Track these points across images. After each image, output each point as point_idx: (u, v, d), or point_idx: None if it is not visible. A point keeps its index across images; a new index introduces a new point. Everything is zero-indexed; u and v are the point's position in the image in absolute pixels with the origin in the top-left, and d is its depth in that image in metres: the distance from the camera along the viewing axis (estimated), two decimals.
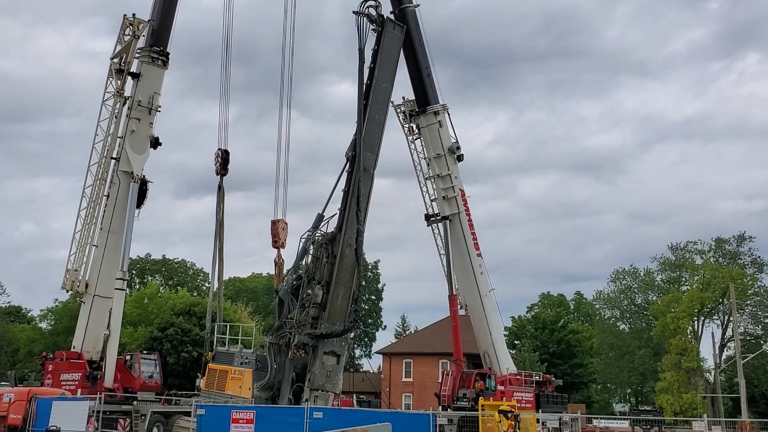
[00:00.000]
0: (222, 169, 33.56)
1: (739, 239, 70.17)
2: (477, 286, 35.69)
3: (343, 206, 24.28)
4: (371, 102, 24.83)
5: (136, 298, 60.16)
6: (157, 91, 33.13)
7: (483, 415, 18.48)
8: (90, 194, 32.01)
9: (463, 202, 36.50)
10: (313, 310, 23.33)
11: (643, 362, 70.46)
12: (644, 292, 76.10)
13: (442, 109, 36.64)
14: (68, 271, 31.44)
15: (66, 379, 29.95)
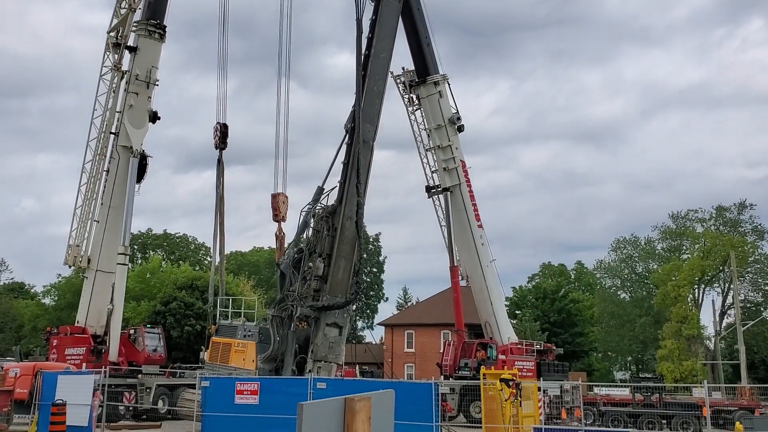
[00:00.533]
0: (221, 143, 33.44)
1: (740, 207, 70.22)
2: (478, 257, 35.76)
3: (343, 179, 24.25)
4: (370, 73, 24.65)
5: (138, 273, 60.41)
6: (155, 64, 32.88)
7: (485, 384, 18.62)
8: (90, 169, 31.96)
9: (464, 173, 36.40)
10: (314, 283, 23.44)
11: (644, 330, 70.95)
12: (645, 261, 76.35)
13: (442, 80, 36.37)
14: (70, 247, 31.50)
15: (71, 353, 30.19)
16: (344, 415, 2.61)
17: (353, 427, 2.58)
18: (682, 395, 39.63)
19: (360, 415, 2.63)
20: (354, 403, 2.65)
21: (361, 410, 2.64)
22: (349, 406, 2.63)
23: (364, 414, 2.67)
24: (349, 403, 2.66)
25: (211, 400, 19.28)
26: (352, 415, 2.60)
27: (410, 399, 16.86)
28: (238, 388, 19.05)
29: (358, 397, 2.66)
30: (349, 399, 2.68)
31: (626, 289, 79.08)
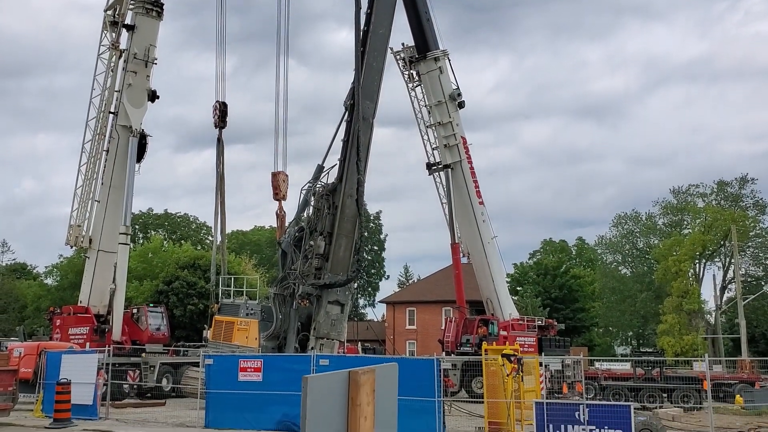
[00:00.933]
0: (221, 121, 33.30)
1: (741, 181, 70.11)
2: (479, 234, 35.77)
3: (343, 156, 24.17)
4: (369, 49, 24.45)
5: (140, 253, 60.50)
6: (153, 43, 32.65)
7: (486, 360, 18.71)
8: (89, 149, 31.87)
9: (465, 149, 36.29)
10: (316, 261, 23.48)
11: (645, 305, 71.17)
12: (646, 236, 76.41)
13: (442, 55, 36.12)
14: (71, 227, 31.51)
15: (74, 333, 30.35)
16: (348, 388, 2.62)
17: (358, 399, 2.59)
18: (683, 369, 39.85)
19: (364, 387, 2.64)
20: (358, 376, 2.65)
21: (365, 383, 2.65)
22: (354, 379, 2.64)
23: (369, 387, 2.67)
24: (353, 376, 2.66)
25: (214, 378, 19.41)
26: (356, 387, 2.60)
27: (413, 375, 16.97)
28: (241, 366, 19.17)
29: (362, 370, 2.66)
30: (354, 372, 2.69)
31: (627, 265, 79.22)
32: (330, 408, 2.48)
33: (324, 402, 2.43)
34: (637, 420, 16.66)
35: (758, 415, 25.04)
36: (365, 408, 2.68)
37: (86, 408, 20.18)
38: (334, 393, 2.53)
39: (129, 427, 19.17)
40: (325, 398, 2.44)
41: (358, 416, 2.58)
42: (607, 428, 16.37)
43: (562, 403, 18.26)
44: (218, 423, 18.82)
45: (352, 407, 2.60)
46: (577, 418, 16.60)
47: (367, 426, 2.66)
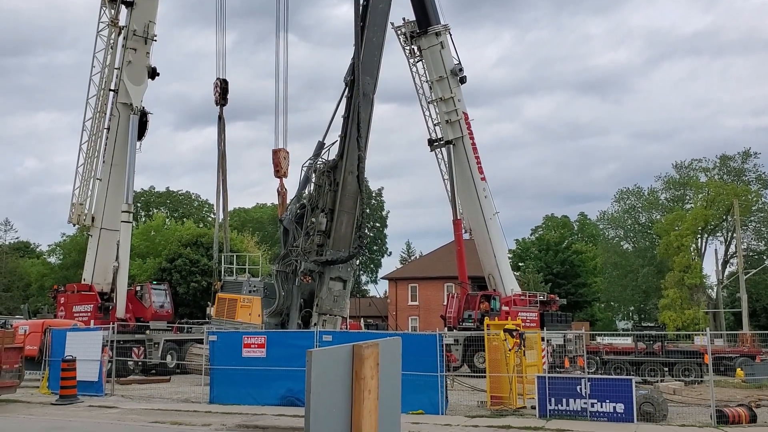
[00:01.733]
0: (221, 99, 33.18)
1: (744, 156, 69.95)
2: (481, 209, 35.75)
3: (344, 133, 24.08)
4: (368, 24, 24.24)
5: (142, 231, 60.64)
6: (152, 19, 32.40)
7: (488, 335, 18.81)
8: (90, 128, 31.78)
9: (467, 125, 36.13)
10: (317, 238, 23.51)
11: (647, 280, 71.40)
12: (648, 211, 76.42)
13: (443, 30, 35.82)
14: (74, 206, 31.54)
15: (78, 310, 30.50)
16: (352, 362, 2.63)
17: (362, 373, 2.60)
18: (684, 343, 40.05)
19: (368, 361, 2.65)
20: (362, 349, 2.66)
21: (369, 357, 2.66)
22: (357, 353, 2.65)
23: (372, 360, 2.69)
24: (357, 350, 2.68)
25: (219, 354, 19.55)
26: (360, 361, 2.61)
27: (415, 350, 17.08)
28: (245, 342, 19.30)
29: (366, 344, 2.67)
30: (357, 346, 2.70)
31: (629, 240, 79.32)
32: (334, 381, 2.50)
33: (328, 375, 2.44)
34: (638, 393, 16.79)
35: (759, 388, 25.21)
36: (369, 381, 2.69)
37: (92, 384, 20.37)
38: (339, 367, 2.55)
39: (134, 403, 19.35)
40: (330, 372, 2.46)
41: (362, 389, 2.59)
42: (609, 402, 16.52)
43: (564, 377, 18.39)
44: (222, 398, 18.99)
45: (356, 381, 2.61)
46: (579, 392, 16.74)
47: (371, 399, 2.67)
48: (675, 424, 16.39)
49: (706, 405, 18.06)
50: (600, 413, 16.49)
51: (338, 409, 2.49)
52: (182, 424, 15.83)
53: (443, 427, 15.68)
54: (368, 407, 2.62)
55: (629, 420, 16.15)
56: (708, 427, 16.01)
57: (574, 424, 15.97)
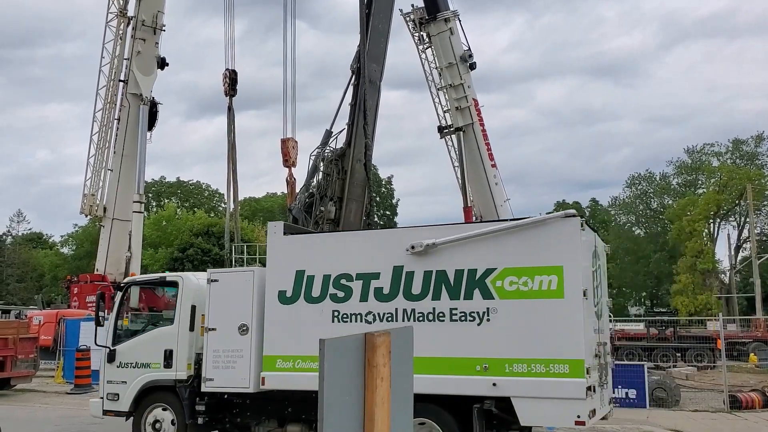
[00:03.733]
0: (231, 89, 33.15)
1: (757, 139, 69.36)
2: (492, 196, 35.64)
3: (351, 121, 24.02)
4: (374, 10, 24.13)
5: (154, 221, 61.01)
6: (161, 9, 32.42)
7: None
8: (101, 118, 31.95)
9: (477, 112, 35.97)
10: (327, 226, 23.51)
11: (659, 266, 71.14)
12: (660, 197, 76.04)
13: (452, 16, 35.60)
14: (85, 196, 31.77)
15: (92, 300, 30.70)
16: (365, 350, 2.64)
17: (374, 361, 2.61)
18: (697, 328, 39.97)
19: (380, 349, 2.66)
20: (374, 338, 2.67)
21: (381, 345, 2.67)
22: (370, 342, 2.66)
23: (384, 349, 2.69)
24: (369, 339, 2.68)
25: None
26: (372, 349, 2.62)
27: None
28: None
29: (378, 333, 2.67)
30: (369, 334, 2.70)
31: (641, 225, 79.00)
32: (347, 370, 2.50)
33: (341, 364, 2.44)
34: (651, 379, 16.78)
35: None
36: (381, 369, 2.70)
37: None
38: (351, 355, 2.55)
39: None
40: (342, 360, 2.46)
41: (374, 377, 2.60)
42: (621, 387, 16.51)
43: None
44: None
45: (369, 369, 2.62)
46: None
47: (384, 387, 2.68)
48: (688, 409, 16.38)
49: (719, 390, 18.04)
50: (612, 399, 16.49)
51: (351, 397, 2.50)
52: None
53: None
54: (381, 395, 2.62)
55: (642, 405, 16.14)
56: (721, 412, 15.98)
57: None
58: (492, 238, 9.38)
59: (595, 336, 9.62)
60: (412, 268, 9.66)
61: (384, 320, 9.66)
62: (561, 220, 9.27)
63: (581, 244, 9.03)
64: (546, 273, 8.90)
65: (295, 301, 10.28)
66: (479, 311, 9.20)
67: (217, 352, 10.75)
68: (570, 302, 8.74)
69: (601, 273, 10.54)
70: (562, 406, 8.63)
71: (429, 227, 10.14)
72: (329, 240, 11.38)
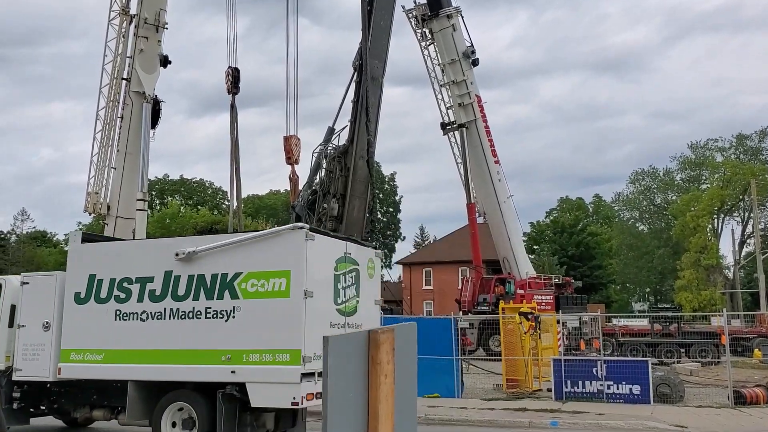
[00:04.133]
0: (233, 87, 33.10)
1: (761, 134, 69.21)
2: (495, 193, 35.65)
3: (354, 117, 24.05)
4: (376, 7, 24.16)
5: (158, 219, 61.10)
6: (163, 7, 32.33)
7: (503, 318, 18.83)
8: (104, 117, 31.91)
9: (480, 108, 35.96)
10: (330, 223, 23.54)
11: (662, 261, 71.07)
12: (663, 192, 75.93)
13: (455, 12, 35.58)
14: (89, 195, 31.74)
15: None
16: (369, 347, 2.65)
17: (378, 358, 2.62)
18: (701, 324, 39.88)
19: (384, 346, 2.67)
20: (378, 335, 2.68)
21: (384, 342, 2.68)
22: (373, 339, 2.67)
23: (388, 345, 2.70)
24: (373, 336, 2.69)
25: None
26: (376, 346, 2.63)
27: (431, 334, 17.14)
28: None
29: (381, 330, 2.69)
30: (373, 331, 2.71)
31: (645, 221, 78.89)
32: (351, 367, 2.51)
33: (345, 361, 2.45)
34: (654, 375, 16.78)
35: None
36: (385, 366, 2.71)
37: None
38: (355, 352, 2.56)
39: None
40: (346, 357, 2.47)
41: (378, 374, 2.61)
42: (625, 384, 16.52)
43: (580, 360, 18.40)
44: None
45: (373, 366, 2.63)
46: (595, 374, 16.75)
47: (388, 383, 2.69)
48: (692, 405, 16.37)
49: (723, 386, 18.03)
50: (616, 395, 16.51)
51: (355, 393, 2.51)
52: None
53: (460, 410, 15.75)
54: (385, 392, 2.64)
55: (646, 401, 16.15)
56: (725, 407, 15.98)
57: (591, 406, 15.99)
58: (240, 247, 10.79)
59: (339, 330, 10.88)
60: (179, 272, 11.07)
61: (155, 318, 11.14)
62: (290, 231, 10.64)
63: (308, 251, 10.28)
64: (278, 276, 10.27)
65: (87, 302, 11.75)
66: (227, 309, 10.56)
67: (26, 345, 12.31)
68: (294, 301, 10.07)
69: (361, 276, 11.78)
70: (281, 390, 10.00)
71: (193, 237, 12.60)
72: (117, 247, 13.05)
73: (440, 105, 37.03)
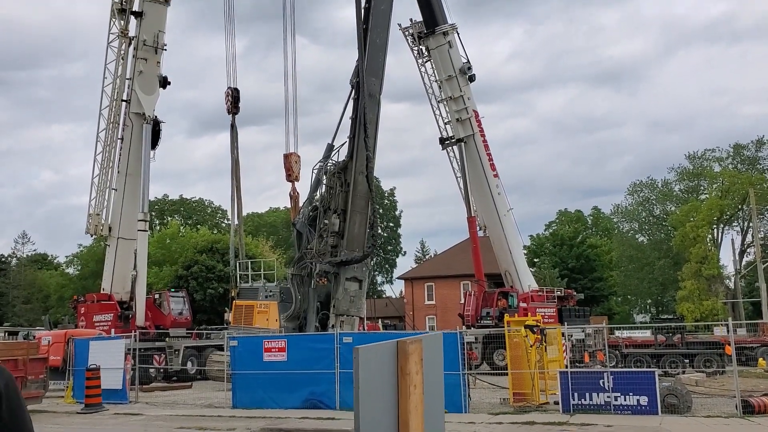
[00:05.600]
0: (233, 107, 33.35)
1: (757, 144, 69.43)
2: (495, 206, 35.71)
3: (352, 134, 24.17)
4: (371, 25, 24.35)
5: (158, 239, 61.05)
6: (162, 29, 32.65)
7: (509, 331, 18.80)
8: (104, 138, 32.09)
9: (477, 123, 36.12)
10: (331, 239, 23.58)
11: (663, 272, 71.00)
12: (662, 203, 76.03)
13: (451, 29, 35.83)
14: (91, 216, 31.84)
15: (99, 320, 30.76)
16: (397, 358, 2.68)
17: (407, 368, 2.65)
18: (703, 334, 39.78)
19: (413, 356, 2.69)
20: (407, 345, 2.71)
21: (413, 352, 2.70)
22: (402, 349, 2.70)
23: (417, 356, 2.73)
24: (401, 346, 2.72)
25: (240, 359, 19.63)
26: (405, 357, 2.66)
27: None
28: (266, 346, 19.37)
29: (410, 340, 2.72)
30: (402, 342, 2.74)
31: (644, 232, 78.94)
32: (381, 377, 2.54)
33: (375, 372, 2.48)
34: (661, 386, 16.72)
35: None
36: (414, 377, 2.74)
37: (116, 392, 20.54)
38: (384, 363, 2.59)
39: (159, 410, 19.49)
40: (376, 368, 2.50)
41: (407, 385, 2.64)
42: (632, 395, 16.46)
43: (587, 372, 18.35)
44: (245, 403, 19.08)
45: (402, 376, 2.65)
46: (602, 386, 16.70)
47: (417, 394, 2.71)
48: (700, 415, 16.31)
49: (730, 396, 17.97)
50: (624, 407, 16.44)
51: (385, 404, 2.53)
52: (207, 429, 15.93)
53: (468, 425, 15.68)
54: (414, 402, 2.66)
55: (654, 412, 16.09)
56: (734, 417, 15.92)
57: (599, 418, 15.93)
58: None
59: None
60: None
61: None
62: None
63: None
64: None
65: None
66: None
67: None
68: None
69: None
70: None
71: None
72: None
73: (438, 120, 37.22)
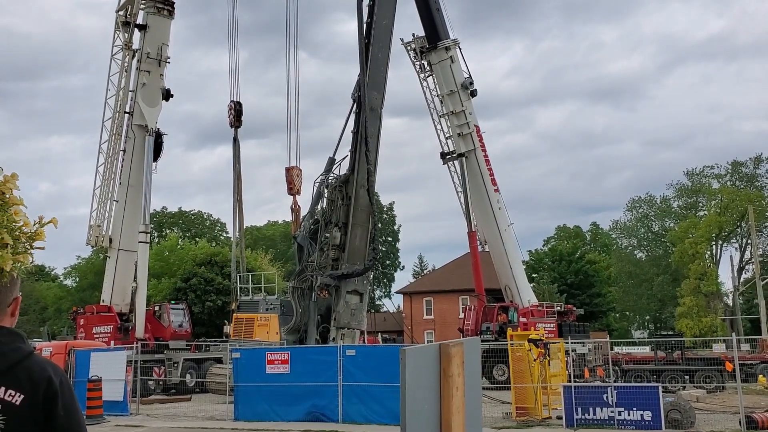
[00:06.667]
0: (236, 121, 33.47)
1: (756, 161, 69.77)
2: (495, 221, 35.77)
3: (354, 148, 24.28)
4: (373, 40, 24.55)
5: (156, 251, 60.95)
6: (165, 42, 32.83)
7: (512, 345, 18.81)
8: (106, 150, 32.15)
9: (478, 138, 36.26)
10: (332, 252, 23.61)
11: (662, 289, 71.05)
12: (661, 220, 76.25)
13: (453, 44, 36.06)
14: (91, 227, 31.82)
15: (98, 331, 30.66)
16: (440, 360, 2.72)
17: (449, 370, 2.69)
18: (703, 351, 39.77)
19: (455, 359, 2.74)
20: (449, 348, 2.75)
21: (455, 355, 2.75)
22: (444, 352, 2.74)
23: (459, 359, 2.78)
24: (444, 349, 2.77)
25: (242, 371, 19.60)
26: (447, 359, 2.70)
27: None
28: (268, 359, 19.34)
29: (452, 343, 2.76)
30: (444, 345, 2.79)
31: (643, 249, 79.07)
32: (425, 379, 2.58)
33: (420, 373, 2.52)
34: (665, 401, 16.72)
35: None
36: (456, 379, 2.78)
37: (117, 404, 20.47)
38: (428, 365, 2.63)
39: (160, 422, 19.41)
40: (421, 370, 2.54)
41: (450, 387, 2.68)
42: (636, 410, 16.45)
43: (591, 386, 18.34)
44: (247, 416, 19.02)
45: (444, 378, 2.69)
46: (606, 401, 16.69)
47: (458, 396, 2.76)
48: (704, 431, 16.30)
49: (732, 412, 17.97)
50: (627, 422, 16.43)
51: (429, 405, 2.57)
52: None
53: None
54: (456, 404, 2.70)
55: (657, 428, 16.08)
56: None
57: None
58: None
59: None
60: None
61: None
62: None
63: None
64: None
65: None
66: None
67: None
68: None
69: None
70: None
71: None
72: None
73: (439, 135, 37.37)
